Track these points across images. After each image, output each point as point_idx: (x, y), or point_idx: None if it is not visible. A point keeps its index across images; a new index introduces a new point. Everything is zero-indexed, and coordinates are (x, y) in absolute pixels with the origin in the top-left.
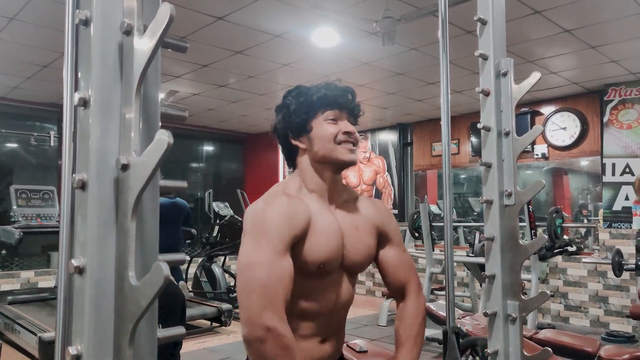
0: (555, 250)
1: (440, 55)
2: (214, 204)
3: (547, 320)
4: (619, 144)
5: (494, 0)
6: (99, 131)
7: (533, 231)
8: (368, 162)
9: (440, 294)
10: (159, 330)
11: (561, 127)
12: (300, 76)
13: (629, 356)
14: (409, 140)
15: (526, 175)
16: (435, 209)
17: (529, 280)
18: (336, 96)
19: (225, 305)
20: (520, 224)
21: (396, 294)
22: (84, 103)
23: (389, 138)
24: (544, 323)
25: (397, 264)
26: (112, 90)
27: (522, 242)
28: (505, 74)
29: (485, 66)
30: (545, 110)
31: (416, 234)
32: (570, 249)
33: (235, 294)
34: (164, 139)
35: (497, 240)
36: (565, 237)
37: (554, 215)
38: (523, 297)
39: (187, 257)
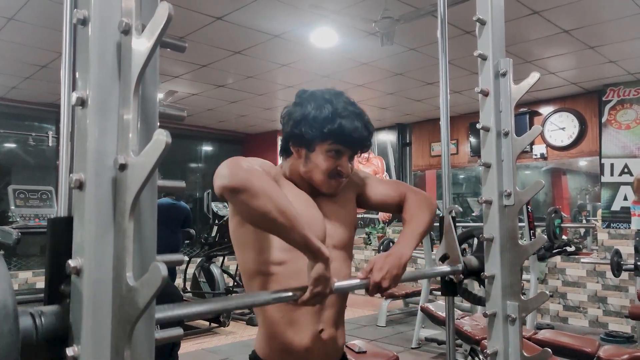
0: (554, 251)
1: (439, 55)
2: (212, 204)
3: (546, 320)
4: (617, 144)
5: (493, 1)
6: (96, 131)
7: (532, 231)
8: (367, 162)
9: (439, 294)
10: (157, 331)
11: (560, 128)
12: (299, 76)
13: (628, 356)
14: (407, 141)
15: (525, 175)
16: None
17: (528, 281)
18: (352, 136)
19: None
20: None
21: (398, 208)
22: (82, 103)
23: (388, 138)
24: (543, 323)
25: (386, 190)
26: (110, 90)
27: (522, 243)
28: (504, 74)
29: (484, 66)
30: (544, 110)
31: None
32: (569, 249)
33: (234, 294)
34: (162, 139)
35: (497, 241)
36: (564, 238)
37: (553, 215)
38: (522, 298)
39: (185, 258)
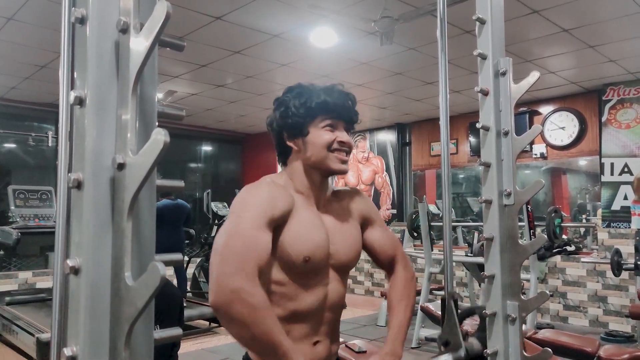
0: (554, 250)
1: (439, 54)
2: (212, 204)
3: (546, 320)
4: (617, 143)
5: (493, 0)
6: (94, 130)
7: (532, 231)
8: (367, 162)
9: (439, 294)
10: (156, 331)
11: (560, 127)
12: (298, 76)
13: (628, 356)
14: (407, 140)
15: (525, 175)
16: (434, 208)
17: (528, 280)
18: (336, 104)
19: None
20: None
21: (387, 268)
22: (80, 102)
23: (388, 138)
24: (543, 323)
25: (384, 241)
26: (108, 89)
27: (522, 242)
28: (504, 74)
29: (483, 66)
30: (544, 110)
31: (415, 233)
32: (569, 248)
33: None
34: (160, 138)
35: (497, 240)
36: (564, 237)
37: (553, 214)
38: (522, 297)
39: (185, 257)
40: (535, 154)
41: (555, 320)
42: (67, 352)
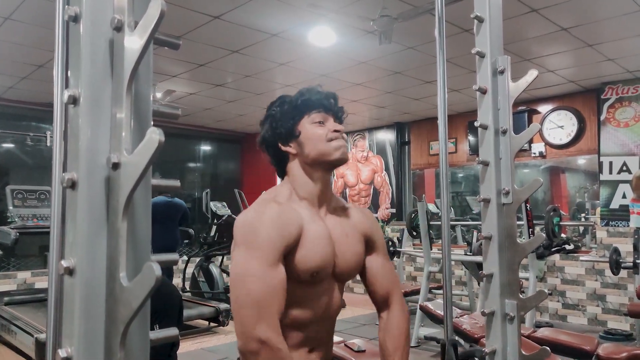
0: (553, 249)
1: (437, 53)
2: (211, 204)
3: (545, 318)
4: (616, 142)
5: None
6: (89, 129)
7: (531, 230)
8: (366, 161)
9: (438, 292)
10: (152, 331)
11: (558, 126)
12: (297, 75)
13: (627, 354)
14: (406, 139)
15: (523, 173)
16: (433, 207)
17: (527, 279)
18: (320, 99)
19: (223, 305)
20: (518, 222)
21: (380, 303)
22: (74, 101)
23: (387, 137)
24: (542, 321)
25: (383, 272)
26: (103, 88)
27: (520, 241)
28: (502, 72)
29: (482, 64)
30: (543, 108)
31: (414, 232)
32: (567, 247)
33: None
34: (155, 137)
35: (495, 239)
36: (563, 236)
37: (552, 213)
38: (521, 296)
39: (182, 257)
40: (534, 153)
41: (554, 318)
42: (62, 354)
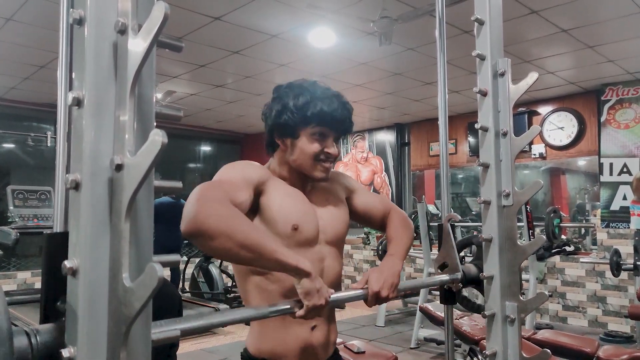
0: (553, 251)
1: (438, 55)
2: None
3: (546, 320)
4: (616, 143)
5: (491, 0)
6: (92, 131)
7: (531, 231)
8: (366, 162)
9: (438, 294)
10: (153, 331)
11: (559, 127)
12: (297, 76)
13: (627, 356)
14: (406, 140)
15: (524, 175)
16: (433, 209)
17: (527, 281)
18: (333, 117)
19: (223, 306)
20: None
21: (381, 223)
22: (78, 103)
23: (387, 138)
24: (542, 323)
25: (372, 201)
26: (106, 90)
27: (520, 243)
28: (502, 74)
29: (482, 66)
30: (543, 110)
31: (414, 234)
32: (568, 249)
33: (233, 295)
34: (158, 139)
35: (495, 241)
36: (563, 237)
37: (552, 215)
38: (521, 298)
39: (184, 258)
40: (535, 154)
41: (555, 320)
42: (66, 354)
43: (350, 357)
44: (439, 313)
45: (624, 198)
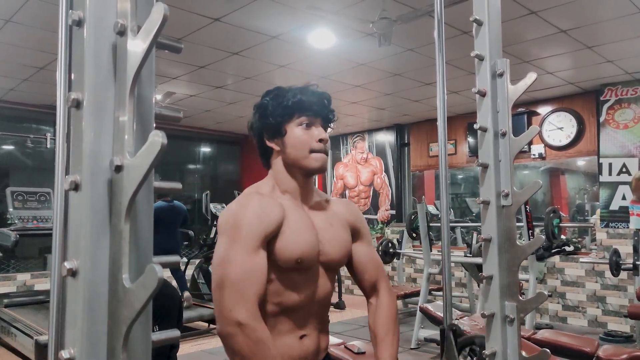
0: (553, 251)
1: (437, 55)
2: (211, 206)
3: (545, 320)
4: (615, 143)
5: (490, 1)
6: (92, 132)
7: (530, 231)
8: (365, 163)
9: (438, 294)
10: (154, 332)
11: (558, 127)
12: (296, 77)
13: (627, 356)
14: (406, 141)
15: (523, 175)
16: (432, 209)
17: (527, 281)
18: (312, 102)
19: None
20: (518, 224)
21: (369, 290)
22: (77, 104)
23: (386, 139)
24: (542, 323)
25: (370, 260)
26: (106, 91)
27: (520, 243)
28: (501, 75)
29: (481, 67)
30: (542, 110)
31: (414, 234)
32: (567, 249)
33: None
34: (157, 140)
35: (495, 241)
36: (563, 237)
37: (552, 215)
38: (521, 298)
39: (184, 259)
40: (534, 155)
41: (554, 320)
42: (65, 355)
43: (351, 358)
44: (438, 313)
45: (623, 198)
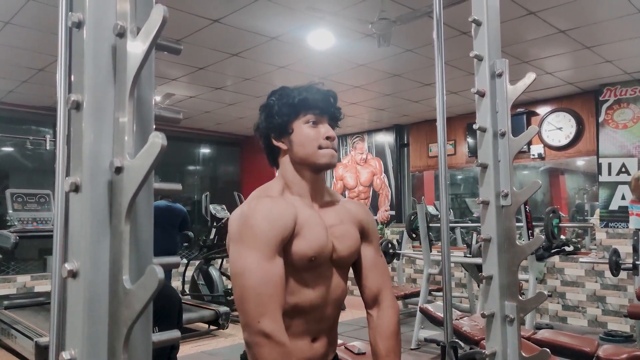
0: (553, 251)
1: (436, 56)
2: (211, 207)
3: (545, 320)
4: (614, 143)
5: (489, 1)
6: (92, 134)
7: (530, 231)
8: (365, 164)
9: (438, 295)
10: (154, 334)
11: (557, 127)
12: (296, 78)
13: (627, 356)
14: (405, 142)
15: (523, 175)
16: (432, 209)
17: (527, 281)
18: (317, 100)
19: (223, 308)
20: (518, 224)
21: (370, 300)
22: (77, 106)
23: (386, 139)
24: (542, 323)
25: (376, 266)
26: (106, 93)
27: (519, 243)
28: (500, 75)
29: (480, 67)
30: (541, 110)
31: (413, 235)
32: (567, 248)
33: (232, 297)
34: (157, 141)
35: (494, 241)
36: (562, 237)
37: (551, 215)
38: (521, 298)
39: (183, 260)
40: (533, 155)
41: (554, 320)
42: (66, 356)
43: (351, 359)
44: (438, 314)
45: (623, 198)
